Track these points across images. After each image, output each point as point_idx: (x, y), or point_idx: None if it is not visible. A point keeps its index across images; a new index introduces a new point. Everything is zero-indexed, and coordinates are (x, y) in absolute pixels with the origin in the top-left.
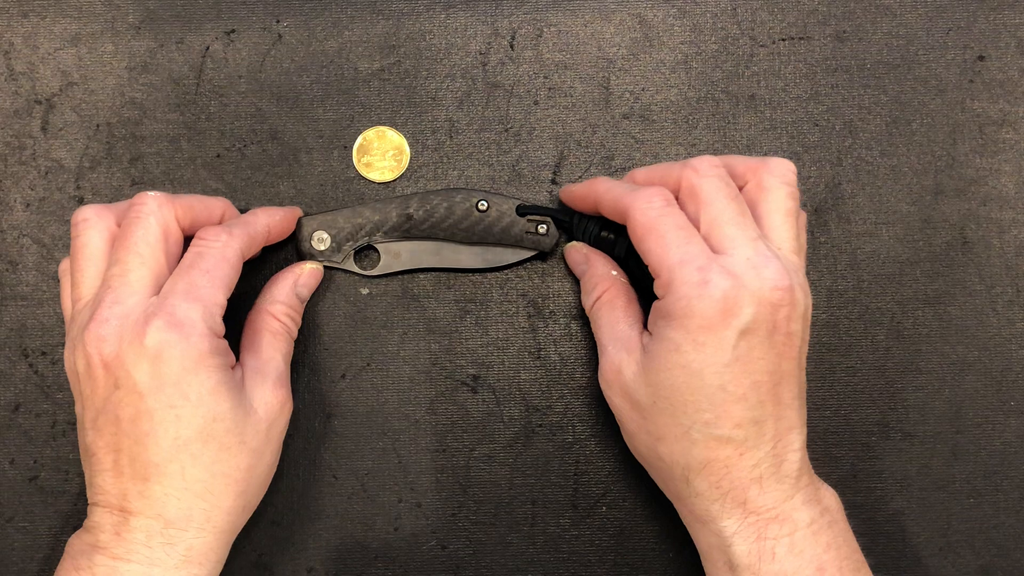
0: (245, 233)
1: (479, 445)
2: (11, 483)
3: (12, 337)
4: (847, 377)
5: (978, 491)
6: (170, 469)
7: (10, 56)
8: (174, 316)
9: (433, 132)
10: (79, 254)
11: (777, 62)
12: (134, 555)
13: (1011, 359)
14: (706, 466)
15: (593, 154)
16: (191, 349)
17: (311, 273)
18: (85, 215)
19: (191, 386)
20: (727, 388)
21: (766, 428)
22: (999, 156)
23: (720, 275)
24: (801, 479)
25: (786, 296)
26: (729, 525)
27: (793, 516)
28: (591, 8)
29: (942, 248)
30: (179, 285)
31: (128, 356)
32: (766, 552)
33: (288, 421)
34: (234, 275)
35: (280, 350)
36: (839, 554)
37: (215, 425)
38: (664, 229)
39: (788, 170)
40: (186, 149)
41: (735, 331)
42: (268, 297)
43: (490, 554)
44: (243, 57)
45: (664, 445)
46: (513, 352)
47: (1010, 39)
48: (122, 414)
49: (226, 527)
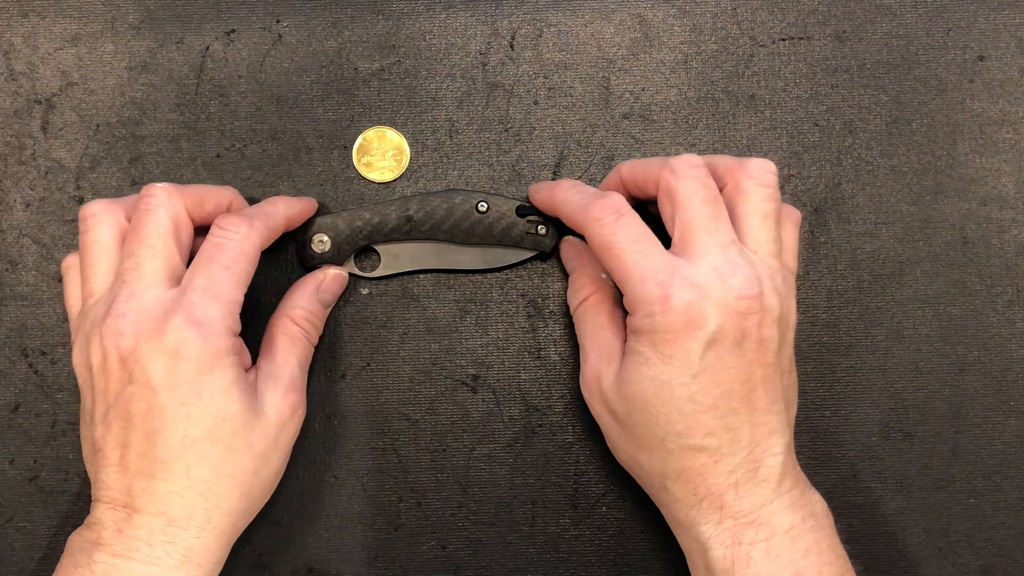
0: (265, 226)
1: (479, 445)
2: (11, 483)
3: (12, 337)
4: (847, 377)
5: (978, 491)
6: (176, 467)
7: (10, 56)
8: (193, 313)
9: (433, 132)
10: (89, 249)
11: (777, 62)
12: (134, 553)
13: (1011, 359)
14: (681, 473)
15: (593, 154)
16: (208, 347)
17: (334, 279)
18: (93, 210)
19: (204, 385)
20: (696, 399)
21: (741, 435)
22: (999, 156)
23: (682, 287)
24: (783, 483)
25: (754, 304)
26: (706, 530)
27: (771, 521)
28: (591, 8)
29: (942, 248)
30: (198, 280)
31: (145, 351)
32: (741, 557)
33: (299, 427)
34: (252, 269)
35: (296, 355)
36: (820, 559)
37: (224, 425)
38: (620, 247)
39: (766, 171)
40: (186, 149)
41: (700, 343)
42: (289, 302)
43: (490, 554)
44: (243, 57)
45: (643, 454)
46: (513, 352)
47: (1010, 39)
48: (133, 409)
49: (226, 528)
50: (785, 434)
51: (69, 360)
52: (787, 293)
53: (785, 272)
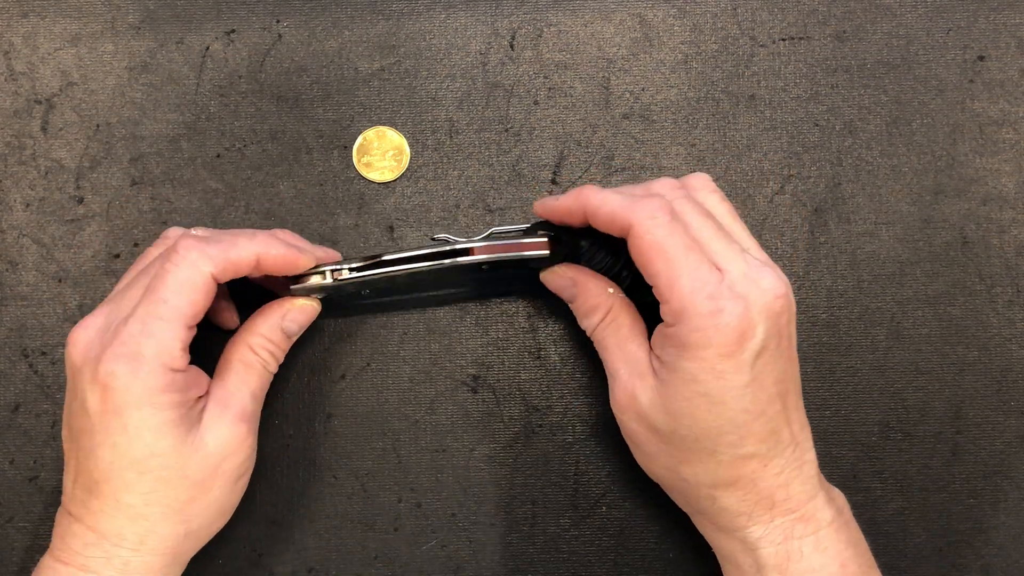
0: (224, 256)
1: (479, 445)
2: (11, 483)
3: (12, 337)
4: (847, 377)
5: (978, 491)
6: (105, 489)
7: (10, 56)
8: (127, 347)
9: (433, 132)
10: (160, 280)
11: (777, 62)
12: (73, 560)
13: (1011, 359)
14: (734, 483)
15: (593, 154)
16: (138, 384)
17: (301, 309)
18: (188, 246)
19: (131, 419)
20: (749, 409)
21: (783, 435)
22: (999, 156)
23: (731, 301)
24: (820, 478)
25: (785, 301)
26: (755, 531)
27: (816, 515)
28: (591, 8)
29: (942, 248)
30: (139, 310)
31: (86, 376)
32: (794, 551)
33: (249, 456)
34: (202, 300)
35: (249, 384)
36: (857, 551)
37: (152, 460)
38: (674, 252)
39: (706, 179)
40: (186, 149)
41: (752, 353)
42: (250, 328)
43: (490, 554)
44: (243, 57)
45: (688, 467)
46: (513, 352)
47: (1010, 39)
48: (74, 425)
49: (165, 550)
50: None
51: None
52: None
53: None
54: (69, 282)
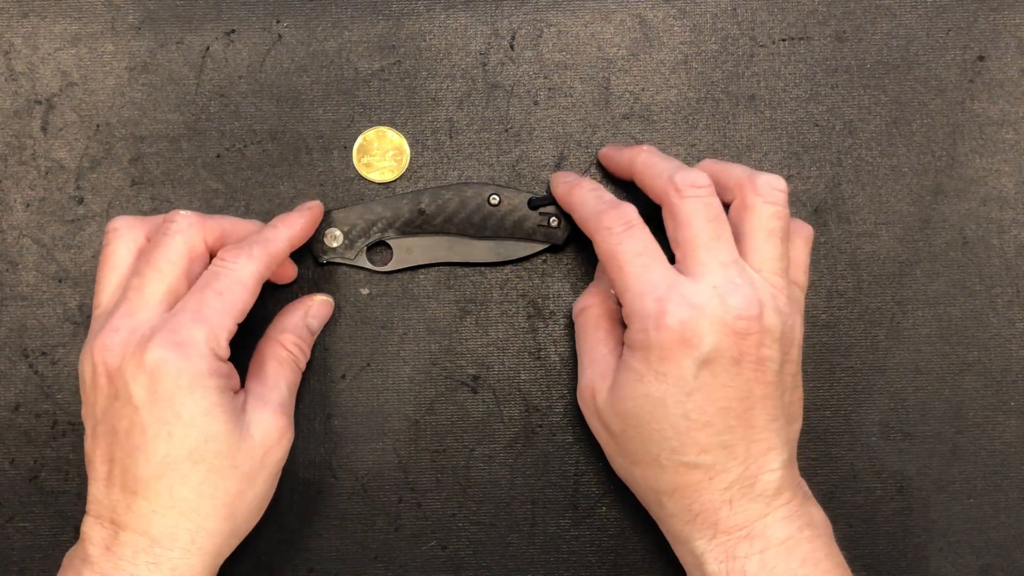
0: (265, 253)
1: (479, 445)
2: (11, 483)
3: (12, 337)
4: (847, 377)
5: (978, 491)
6: (157, 486)
7: (10, 56)
8: (177, 334)
9: (433, 132)
10: (104, 263)
11: (777, 62)
12: (119, 572)
13: (1011, 359)
14: (676, 490)
15: (593, 154)
16: (188, 368)
17: (321, 304)
18: (116, 225)
19: (185, 405)
20: (690, 416)
21: (737, 452)
22: (999, 156)
23: (678, 305)
24: (780, 496)
25: (753, 324)
26: (700, 545)
27: (766, 533)
28: (591, 8)
29: (942, 248)
30: (189, 304)
31: (128, 368)
32: (735, 571)
33: (287, 451)
34: (249, 298)
35: (285, 378)
36: (817, 568)
37: (206, 446)
38: (624, 258)
39: (774, 188)
40: (186, 149)
41: (695, 361)
42: (278, 326)
43: (490, 554)
44: (243, 57)
45: (637, 469)
46: (513, 352)
47: (1010, 39)
48: (118, 425)
49: (212, 550)
50: (784, 450)
51: (69, 360)
52: (791, 311)
53: (792, 290)
54: (69, 282)
